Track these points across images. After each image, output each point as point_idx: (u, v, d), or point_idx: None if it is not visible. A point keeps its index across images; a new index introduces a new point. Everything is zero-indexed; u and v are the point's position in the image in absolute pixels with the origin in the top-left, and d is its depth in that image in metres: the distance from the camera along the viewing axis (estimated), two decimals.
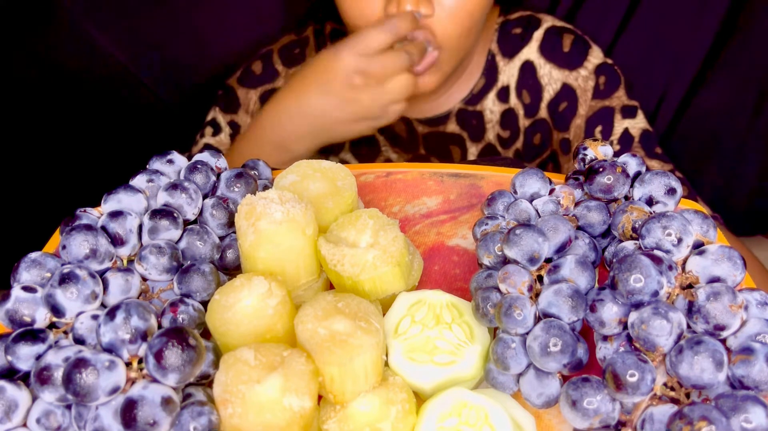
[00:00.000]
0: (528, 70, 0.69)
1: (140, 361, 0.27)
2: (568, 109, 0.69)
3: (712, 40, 0.77)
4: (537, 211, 0.35)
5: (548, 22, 0.70)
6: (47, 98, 0.80)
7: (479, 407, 0.29)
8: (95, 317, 0.29)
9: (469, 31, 0.60)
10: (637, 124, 0.66)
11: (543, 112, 0.70)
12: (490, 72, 0.70)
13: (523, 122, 0.71)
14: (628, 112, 0.67)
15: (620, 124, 0.66)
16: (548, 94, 0.69)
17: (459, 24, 0.59)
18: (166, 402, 0.25)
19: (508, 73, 0.70)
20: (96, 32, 0.78)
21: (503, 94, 0.70)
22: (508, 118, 0.71)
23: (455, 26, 0.59)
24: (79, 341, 0.29)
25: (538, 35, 0.69)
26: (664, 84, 0.80)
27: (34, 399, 0.28)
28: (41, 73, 0.79)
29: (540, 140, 0.72)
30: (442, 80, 0.64)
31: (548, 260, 0.32)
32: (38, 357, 0.28)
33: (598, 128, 0.67)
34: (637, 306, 0.27)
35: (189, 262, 0.33)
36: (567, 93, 0.68)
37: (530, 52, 0.69)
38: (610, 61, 0.68)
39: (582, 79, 0.68)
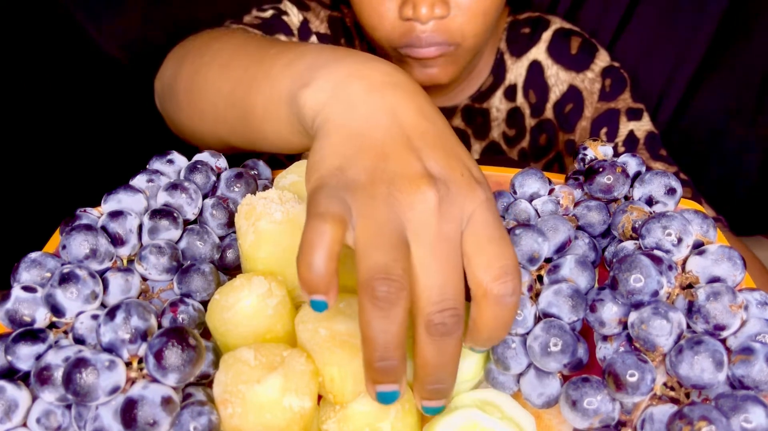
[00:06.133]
0: (535, 69, 0.69)
1: (140, 361, 0.27)
2: (574, 111, 0.69)
3: (713, 40, 0.77)
4: (537, 210, 0.35)
5: (556, 23, 0.70)
6: (47, 98, 0.80)
7: (490, 430, 0.28)
8: (95, 317, 0.29)
9: (485, 29, 0.61)
10: (643, 126, 0.66)
11: (549, 113, 0.70)
12: (499, 70, 0.70)
13: (529, 121, 0.71)
14: (634, 114, 0.67)
15: (625, 126, 0.66)
16: (554, 94, 0.69)
17: (474, 23, 0.59)
18: (166, 402, 0.25)
19: (516, 71, 0.70)
20: (95, 32, 0.78)
21: (510, 93, 0.71)
22: (514, 116, 0.71)
23: (471, 25, 0.59)
24: (79, 341, 0.29)
25: (546, 36, 0.69)
26: (664, 83, 0.80)
27: (34, 399, 0.28)
28: (41, 72, 0.79)
29: (546, 140, 0.72)
30: (456, 75, 0.64)
31: (548, 260, 0.32)
32: (38, 357, 0.28)
33: (604, 130, 0.67)
34: (637, 306, 0.27)
35: (189, 262, 0.33)
36: (573, 94, 0.69)
37: (538, 52, 0.69)
38: (617, 64, 0.69)
39: (588, 81, 0.68)
